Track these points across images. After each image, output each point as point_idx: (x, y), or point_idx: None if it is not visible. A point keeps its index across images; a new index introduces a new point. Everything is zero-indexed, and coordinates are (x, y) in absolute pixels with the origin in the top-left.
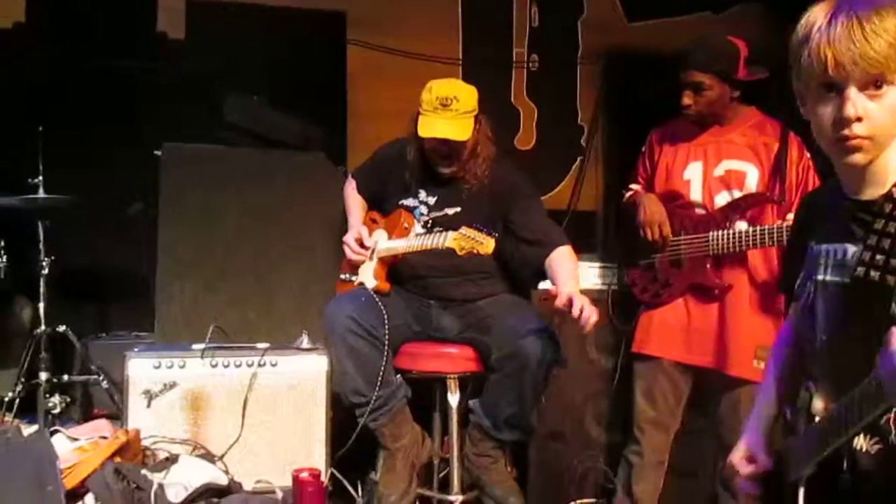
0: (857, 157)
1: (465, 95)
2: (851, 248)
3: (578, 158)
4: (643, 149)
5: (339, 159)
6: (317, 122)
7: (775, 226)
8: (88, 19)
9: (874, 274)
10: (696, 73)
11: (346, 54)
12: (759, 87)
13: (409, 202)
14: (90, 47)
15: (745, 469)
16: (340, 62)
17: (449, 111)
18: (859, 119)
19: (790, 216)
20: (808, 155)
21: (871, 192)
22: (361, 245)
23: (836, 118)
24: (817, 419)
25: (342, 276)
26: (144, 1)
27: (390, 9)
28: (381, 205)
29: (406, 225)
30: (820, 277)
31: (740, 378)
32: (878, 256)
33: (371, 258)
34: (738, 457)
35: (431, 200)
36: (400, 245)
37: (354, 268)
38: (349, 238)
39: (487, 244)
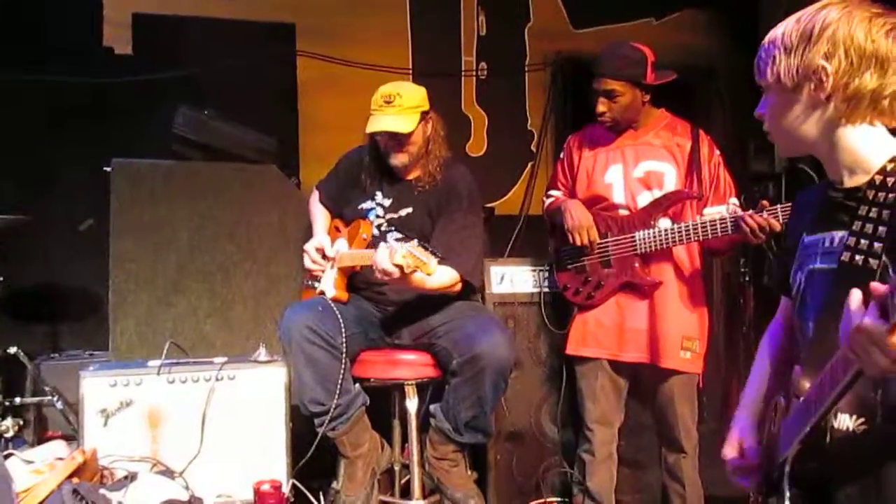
0: (778, 151)
1: (409, 92)
2: (839, 235)
3: (529, 163)
4: (561, 156)
5: (292, 170)
6: (268, 133)
7: (698, 221)
8: (33, 35)
9: (859, 258)
10: (608, 80)
11: (297, 66)
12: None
13: (367, 204)
14: (36, 64)
15: (735, 464)
16: (291, 74)
17: (392, 107)
18: (760, 116)
19: (707, 210)
20: (718, 152)
21: (856, 181)
22: (323, 256)
23: None
24: (801, 399)
25: (307, 283)
26: (90, 16)
27: (339, 20)
28: (344, 211)
29: (364, 235)
30: (811, 266)
31: (671, 370)
32: (863, 241)
33: (332, 267)
34: (728, 452)
35: (387, 202)
36: (356, 255)
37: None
38: (309, 246)
39: (429, 265)
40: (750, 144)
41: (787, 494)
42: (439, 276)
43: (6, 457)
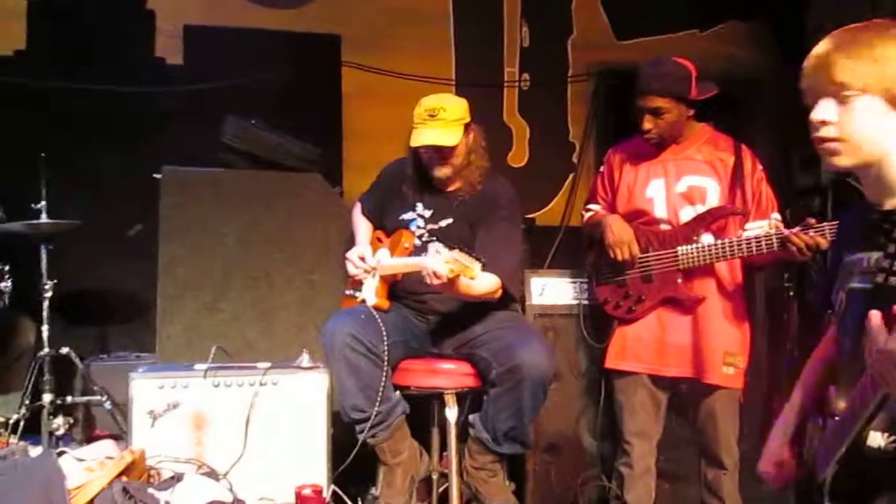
0: (835, 160)
1: (452, 105)
2: (875, 256)
3: (570, 175)
4: (601, 169)
5: (336, 179)
6: (313, 143)
7: (743, 237)
8: (88, 46)
9: (893, 280)
10: (653, 97)
11: (341, 76)
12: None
13: (408, 215)
14: (90, 73)
15: (771, 477)
16: (335, 84)
17: (437, 120)
18: (824, 122)
19: (749, 226)
20: (761, 167)
21: (894, 202)
22: (364, 262)
23: (811, 123)
24: (837, 418)
25: (347, 292)
26: (142, 27)
27: (384, 31)
28: (385, 222)
29: (406, 245)
30: (850, 285)
31: (714, 385)
32: None
33: (373, 276)
34: (763, 465)
35: (427, 213)
36: (398, 264)
37: (358, 284)
38: (352, 254)
39: (473, 269)
40: (795, 157)
41: None
42: (483, 281)
43: (59, 454)
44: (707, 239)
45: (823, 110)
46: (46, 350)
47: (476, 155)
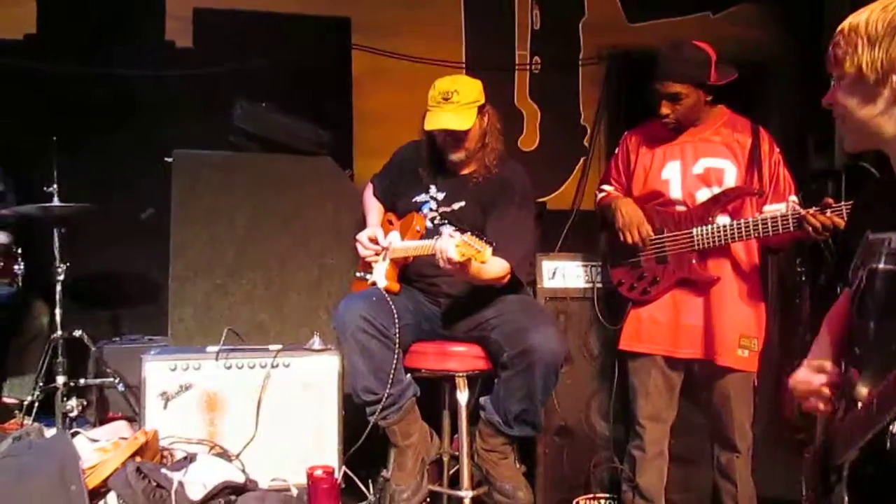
0: (844, 144)
1: (466, 88)
2: None
3: (582, 158)
4: (617, 151)
5: (346, 162)
6: (324, 126)
7: (759, 217)
8: (98, 29)
9: None
10: (671, 83)
11: (352, 59)
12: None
13: (421, 197)
14: (100, 57)
15: (817, 380)
16: (346, 67)
17: (451, 104)
18: (829, 105)
19: (767, 208)
20: (778, 149)
21: None
22: (375, 244)
23: None
24: (860, 405)
25: (358, 274)
26: (153, 10)
27: (394, 14)
28: (397, 204)
29: (418, 228)
30: (874, 265)
31: (728, 367)
32: None
33: (384, 258)
34: (803, 373)
35: (440, 196)
36: (409, 247)
37: (369, 267)
38: (362, 236)
39: (484, 253)
40: (809, 140)
41: (845, 500)
42: (492, 266)
43: (73, 435)
44: (723, 220)
45: (830, 91)
46: (59, 333)
47: (491, 137)
